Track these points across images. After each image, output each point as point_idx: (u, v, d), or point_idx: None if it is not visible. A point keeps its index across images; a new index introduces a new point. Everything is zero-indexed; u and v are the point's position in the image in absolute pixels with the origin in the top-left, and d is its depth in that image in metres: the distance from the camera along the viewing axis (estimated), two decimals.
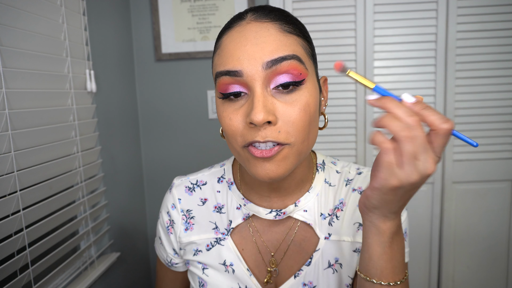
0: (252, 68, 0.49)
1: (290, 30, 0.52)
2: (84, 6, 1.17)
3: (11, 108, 0.85)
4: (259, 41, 0.49)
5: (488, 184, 1.61)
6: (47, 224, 0.96)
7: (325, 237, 0.62)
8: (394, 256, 0.47)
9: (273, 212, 0.61)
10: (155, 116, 1.65)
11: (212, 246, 0.65)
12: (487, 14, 1.49)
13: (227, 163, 0.70)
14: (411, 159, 0.39)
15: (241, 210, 0.64)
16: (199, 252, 0.66)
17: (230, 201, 0.65)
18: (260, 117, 0.46)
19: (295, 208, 0.61)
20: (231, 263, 0.64)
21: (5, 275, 0.82)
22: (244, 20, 0.53)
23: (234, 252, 0.64)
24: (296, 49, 0.51)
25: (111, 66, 1.38)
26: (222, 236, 0.65)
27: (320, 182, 0.64)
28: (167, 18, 1.56)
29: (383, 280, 0.47)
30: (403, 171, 0.40)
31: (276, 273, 0.63)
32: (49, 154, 0.98)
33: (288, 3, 1.55)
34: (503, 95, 1.54)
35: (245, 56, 0.49)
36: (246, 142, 0.50)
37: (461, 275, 1.67)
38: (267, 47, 0.49)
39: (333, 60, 1.57)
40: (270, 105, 0.48)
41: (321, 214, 0.63)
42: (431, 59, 1.54)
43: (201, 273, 0.66)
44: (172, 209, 0.69)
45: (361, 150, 1.62)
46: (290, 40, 0.51)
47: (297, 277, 0.61)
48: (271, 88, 0.50)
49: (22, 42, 0.89)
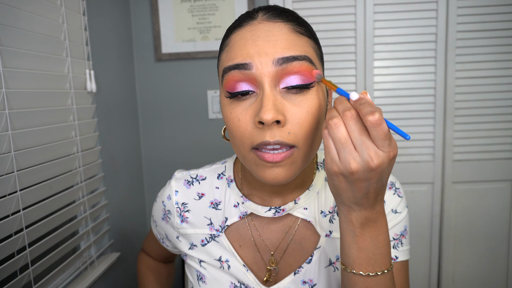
0: (262, 62, 0.47)
1: (302, 32, 0.51)
2: (84, 6, 1.17)
3: (11, 108, 0.85)
4: (272, 38, 0.49)
5: (488, 184, 1.61)
6: (47, 224, 0.96)
7: (326, 235, 0.62)
8: (367, 247, 0.47)
9: (272, 210, 0.61)
10: (155, 116, 1.65)
11: (207, 242, 0.65)
12: (487, 14, 1.49)
13: (229, 161, 0.70)
14: (342, 146, 0.42)
15: (238, 208, 0.64)
16: (195, 246, 0.67)
17: (228, 198, 0.65)
18: (270, 115, 0.46)
19: (294, 206, 0.61)
20: (227, 259, 0.64)
21: (5, 275, 0.82)
22: (256, 19, 0.51)
23: (228, 249, 0.64)
24: (307, 51, 0.50)
25: (111, 66, 1.38)
26: (216, 233, 0.65)
27: (321, 180, 0.64)
28: (167, 18, 1.56)
29: (356, 269, 0.48)
30: (340, 158, 0.43)
31: (275, 271, 0.62)
32: (49, 154, 0.98)
33: (288, 3, 1.55)
34: (503, 95, 1.54)
35: (256, 50, 0.48)
36: (255, 144, 0.49)
37: (461, 275, 1.67)
38: (279, 44, 0.48)
39: (333, 60, 1.57)
40: (279, 104, 0.48)
41: (321, 211, 0.62)
42: (431, 59, 1.54)
43: (199, 266, 0.66)
44: (167, 199, 0.69)
45: None
46: (302, 41, 0.50)
47: (296, 274, 0.61)
48: (280, 88, 0.49)
49: (22, 42, 0.89)
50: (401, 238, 0.63)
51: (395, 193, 0.63)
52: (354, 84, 1.57)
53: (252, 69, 0.48)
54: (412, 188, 1.63)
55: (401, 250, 0.62)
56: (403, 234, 0.63)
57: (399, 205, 0.63)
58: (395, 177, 0.67)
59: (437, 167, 1.60)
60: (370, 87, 1.56)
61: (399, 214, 0.63)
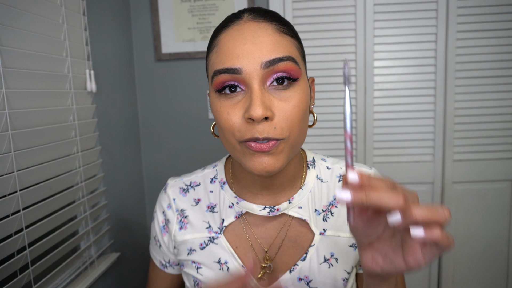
0: (251, 67, 0.50)
1: (285, 31, 0.54)
2: (84, 6, 1.17)
3: (11, 108, 0.85)
4: (258, 40, 0.51)
5: (488, 184, 1.61)
6: (47, 224, 0.96)
7: (320, 233, 0.63)
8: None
9: (267, 209, 0.62)
10: (155, 116, 1.65)
11: (206, 245, 0.66)
12: (487, 14, 1.49)
13: (219, 164, 0.71)
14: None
15: (233, 209, 0.65)
16: (193, 251, 0.67)
17: (222, 200, 0.66)
18: (260, 112, 0.48)
19: (289, 205, 0.63)
20: (226, 261, 0.64)
21: (5, 275, 0.82)
22: (242, 19, 0.54)
23: (228, 250, 0.64)
24: (291, 51, 0.53)
25: (111, 66, 1.38)
26: (215, 235, 0.66)
27: (312, 179, 0.65)
28: (167, 18, 1.56)
29: None
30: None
31: (270, 268, 0.63)
32: (49, 154, 0.98)
33: (288, 3, 1.55)
34: (503, 95, 1.54)
35: (245, 55, 0.51)
36: (244, 138, 0.51)
37: (461, 275, 1.67)
38: (265, 46, 0.51)
39: (333, 60, 1.57)
40: (267, 101, 0.50)
41: (315, 210, 0.64)
42: (431, 59, 1.54)
43: (195, 272, 0.66)
44: (167, 209, 0.70)
45: (361, 150, 1.62)
46: (286, 41, 0.53)
47: (292, 271, 0.62)
48: (267, 85, 0.52)
49: (22, 42, 0.89)
50: None
51: None
52: (354, 84, 1.57)
53: (242, 73, 0.51)
54: (412, 188, 1.63)
55: None
56: None
57: None
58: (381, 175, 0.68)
59: (437, 167, 1.61)
60: (370, 87, 1.56)
61: None
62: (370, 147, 1.61)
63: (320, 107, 1.60)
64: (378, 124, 1.60)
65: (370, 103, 1.57)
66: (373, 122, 1.59)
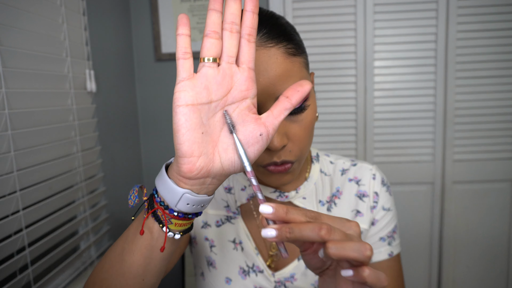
0: (268, 104, 0.50)
1: (294, 52, 0.52)
2: (84, 6, 1.17)
3: (11, 108, 0.85)
4: (270, 74, 0.50)
5: (488, 184, 1.61)
6: (47, 224, 0.96)
7: None
8: None
9: (277, 192, 0.65)
10: (155, 116, 1.65)
11: (222, 223, 0.68)
12: (487, 14, 1.49)
13: None
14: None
15: (245, 191, 0.67)
16: (208, 226, 0.69)
17: (236, 183, 0.69)
18: (279, 144, 0.50)
19: (296, 195, 0.65)
20: (241, 241, 0.67)
21: (5, 275, 0.82)
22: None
23: (244, 230, 0.67)
24: (301, 74, 0.52)
25: (111, 66, 1.38)
26: (233, 215, 0.68)
27: (317, 172, 0.68)
28: (167, 18, 1.56)
29: None
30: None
31: (277, 257, 0.65)
32: (49, 154, 0.98)
33: (288, 3, 1.55)
34: (503, 95, 1.54)
35: (260, 92, 0.50)
36: (263, 164, 0.54)
37: (461, 275, 1.67)
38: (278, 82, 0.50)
39: (333, 60, 1.57)
40: (282, 128, 0.52)
41: (319, 201, 0.67)
42: (431, 59, 1.54)
43: (209, 251, 0.68)
44: None
45: (361, 150, 1.61)
46: (297, 65, 0.52)
47: (300, 259, 0.64)
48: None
49: (22, 42, 0.89)
50: (393, 234, 0.68)
51: (387, 191, 0.69)
52: (354, 84, 1.57)
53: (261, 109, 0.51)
54: (412, 188, 1.63)
55: (395, 245, 0.68)
56: (394, 230, 0.69)
57: (391, 202, 0.69)
58: (382, 173, 0.71)
59: (437, 167, 1.60)
60: (370, 87, 1.56)
61: (391, 212, 0.69)
62: (370, 147, 1.61)
63: (320, 107, 1.60)
64: (378, 124, 1.60)
65: (370, 103, 1.57)
66: (373, 122, 1.59)
